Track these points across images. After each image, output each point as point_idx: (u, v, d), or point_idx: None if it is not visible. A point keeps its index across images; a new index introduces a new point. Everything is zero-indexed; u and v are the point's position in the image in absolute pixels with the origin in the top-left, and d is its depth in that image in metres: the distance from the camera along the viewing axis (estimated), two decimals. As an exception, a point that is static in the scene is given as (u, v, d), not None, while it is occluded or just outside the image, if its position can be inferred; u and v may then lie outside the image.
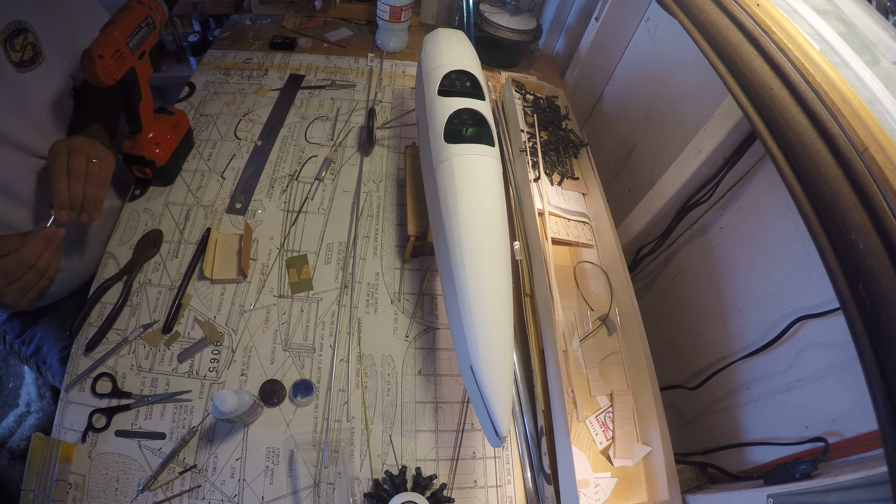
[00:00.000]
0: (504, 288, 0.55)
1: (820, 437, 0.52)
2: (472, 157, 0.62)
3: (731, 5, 0.57)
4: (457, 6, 1.24)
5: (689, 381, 0.76)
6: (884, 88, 0.45)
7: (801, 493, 0.48)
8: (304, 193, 0.87)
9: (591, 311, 0.76)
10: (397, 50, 1.20)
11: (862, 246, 0.38)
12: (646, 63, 1.01)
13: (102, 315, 0.68)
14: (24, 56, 0.64)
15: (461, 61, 0.75)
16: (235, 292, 0.73)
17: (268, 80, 1.06)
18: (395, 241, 0.83)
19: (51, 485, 0.54)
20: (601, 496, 0.59)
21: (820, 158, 0.43)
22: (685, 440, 0.76)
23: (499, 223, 0.59)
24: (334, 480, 0.60)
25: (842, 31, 0.52)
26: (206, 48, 1.14)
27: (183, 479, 0.58)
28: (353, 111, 1.03)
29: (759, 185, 0.67)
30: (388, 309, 0.75)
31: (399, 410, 0.67)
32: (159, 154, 0.78)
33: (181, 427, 0.62)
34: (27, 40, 0.64)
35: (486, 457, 0.65)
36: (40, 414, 1.27)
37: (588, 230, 0.85)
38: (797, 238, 0.59)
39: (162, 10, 0.70)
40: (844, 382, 0.52)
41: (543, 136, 0.94)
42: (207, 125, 0.95)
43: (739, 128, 0.65)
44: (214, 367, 0.66)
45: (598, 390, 0.67)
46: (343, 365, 0.69)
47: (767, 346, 0.61)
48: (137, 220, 0.79)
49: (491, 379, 0.49)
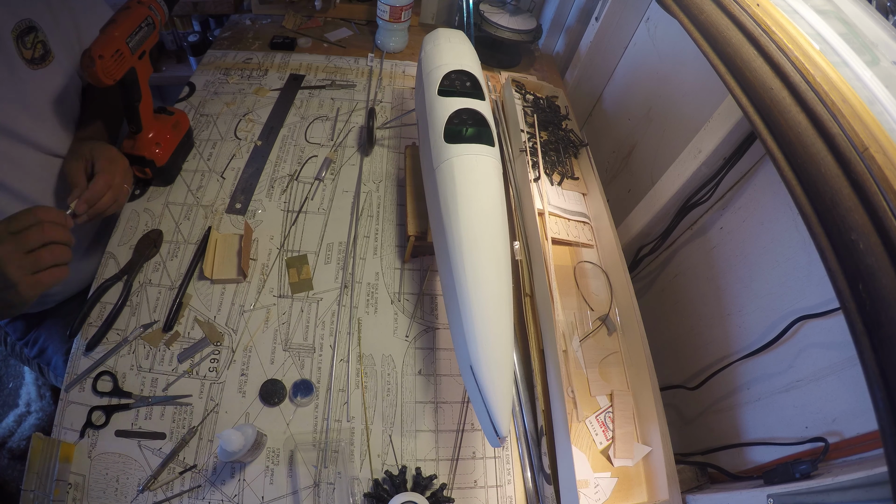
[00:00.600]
0: (504, 288, 0.55)
1: (820, 437, 0.52)
2: (472, 157, 0.62)
3: (731, 5, 0.57)
4: (457, 6, 1.24)
5: (689, 381, 0.76)
6: (884, 88, 0.45)
7: (801, 493, 0.48)
8: (304, 193, 0.87)
9: (591, 311, 0.76)
10: (397, 50, 1.20)
11: (862, 246, 0.38)
12: (646, 63, 1.01)
13: (102, 315, 0.68)
14: (35, 54, 0.64)
15: (461, 61, 0.75)
16: (235, 292, 0.73)
17: (268, 80, 1.06)
18: (395, 241, 0.83)
19: (51, 485, 0.54)
20: (601, 496, 0.59)
21: (820, 158, 0.43)
22: (685, 440, 0.76)
23: (499, 223, 0.59)
24: (334, 480, 0.60)
25: (842, 31, 0.52)
26: (206, 48, 1.14)
27: (183, 479, 0.58)
28: (353, 111, 1.03)
29: (759, 185, 0.67)
30: (388, 309, 0.75)
31: (399, 410, 0.67)
32: (159, 154, 0.78)
33: (181, 427, 0.62)
34: (37, 38, 0.65)
35: (486, 457, 0.65)
36: (40, 414, 1.28)
37: (588, 230, 0.85)
38: (797, 238, 0.59)
39: (162, 10, 0.70)
40: (844, 382, 0.52)
41: (543, 136, 0.94)
42: (207, 125, 0.95)
43: (739, 128, 0.65)
44: (214, 367, 0.66)
45: (598, 390, 0.67)
46: (343, 365, 0.69)
47: (767, 346, 0.61)
48: (137, 220, 0.79)
49: (491, 379, 0.49)
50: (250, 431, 0.54)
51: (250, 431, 0.54)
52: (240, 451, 0.52)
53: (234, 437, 0.51)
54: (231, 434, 0.51)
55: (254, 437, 0.54)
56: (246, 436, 0.53)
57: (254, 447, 0.55)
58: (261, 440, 0.58)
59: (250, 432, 0.54)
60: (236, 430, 0.52)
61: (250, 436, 0.54)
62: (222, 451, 0.51)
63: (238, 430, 0.53)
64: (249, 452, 0.55)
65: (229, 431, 0.51)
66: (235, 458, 0.54)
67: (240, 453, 0.52)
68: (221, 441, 0.51)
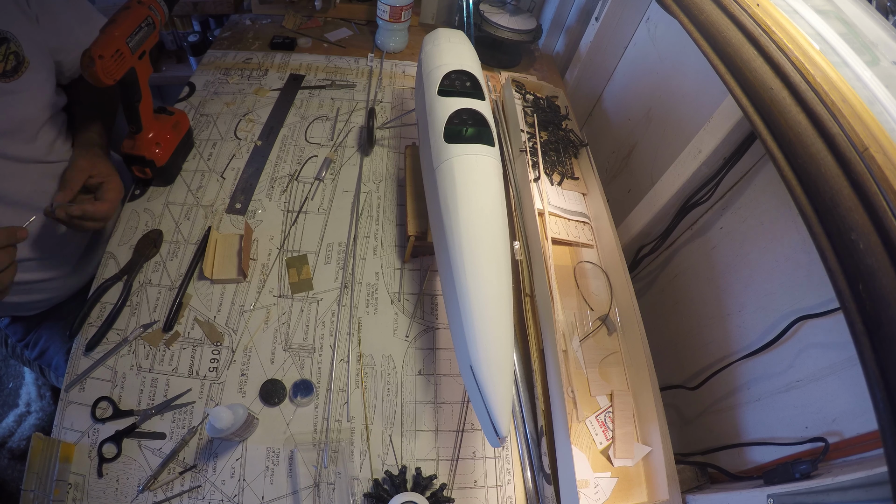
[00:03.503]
0: (504, 288, 0.55)
1: (820, 437, 0.52)
2: (472, 157, 0.62)
3: (731, 5, 0.57)
4: (457, 6, 1.24)
5: (689, 381, 0.76)
6: (884, 88, 0.45)
7: (801, 493, 0.48)
8: (304, 193, 0.87)
9: (591, 311, 0.76)
10: (397, 50, 1.20)
11: (862, 246, 0.38)
12: (646, 63, 1.01)
13: (102, 315, 0.68)
14: (6, 66, 0.63)
15: (461, 61, 0.75)
16: (235, 292, 0.73)
17: (268, 80, 1.06)
18: (395, 241, 0.83)
19: (51, 485, 0.54)
20: (601, 496, 0.59)
21: (820, 158, 0.43)
22: (685, 440, 0.76)
23: (499, 223, 0.59)
24: (334, 480, 0.60)
25: (842, 31, 0.52)
26: (206, 48, 1.14)
27: (183, 479, 0.58)
28: (353, 111, 1.03)
29: (759, 185, 0.67)
30: (388, 309, 0.75)
31: (399, 410, 0.67)
32: (159, 154, 0.78)
33: (181, 427, 0.62)
34: (10, 50, 0.63)
35: (486, 457, 0.65)
36: (40, 414, 1.28)
37: (588, 230, 0.85)
38: (797, 238, 0.59)
39: (162, 10, 0.70)
40: (844, 382, 0.52)
41: (543, 136, 0.94)
42: (207, 125, 0.95)
43: (739, 128, 0.65)
44: (214, 367, 0.66)
45: (598, 390, 0.67)
46: (343, 365, 0.69)
47: (767, 346, 0.61)
48: (137, 220, 0.79)
49: (491, 379, 0.49)
50: (241, 411, 0.55)
51: (241, 411, 0.55)
52: (228, 428, 0.53)
53: (224, 414, 0.52)
54: (221, 411, 0.52)
55: (244, 416, 0.55)
56: (236, 415, 0.54)
57: (243, 427, 0.56)
58: (251, 421, 0.59)
59: (241, 412, 0.55)
60: (227, 408, 0.53)
61: (240, 415, 0.54)
62: (211, 426, 0.52)
63: (229, 409, 0.53)
64: (239, 431, 0.55)
65: (219, 408, 0.52)
66: (224, 436, 0.55)
67: (228, 431, 0.53)
68: (211, 417, 0.52)
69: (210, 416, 0.52)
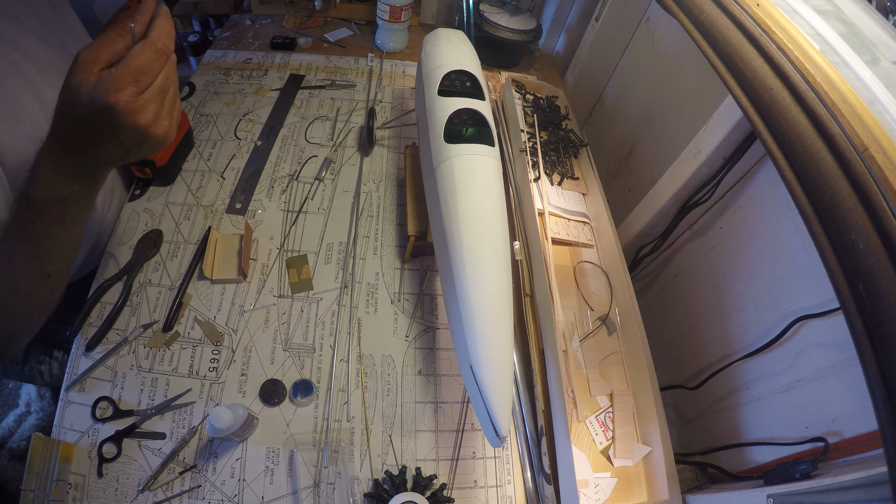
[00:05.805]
0: (504, 288, 0.55)
1: (820, 437, 0.52)
2: (472, 157, 0.62)
3: (731, 5, 0.57)
4: (457, 6, 1.24)
5: (689, 381, 0.76)
6: (884, 88, 0.45)
7: (801, 493, 0.48)
8: (304, 193, 0.87)
9: (591, 311, 0.76)
10: (397, 50, 1.20)
11: (862, 246, 0.38)
12: (646, 63, 1.01)
13: (102, 315, 0.68)
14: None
15: (461, 61, 0.75)
16: (235, 292, 0.73)
17: (268, 80, 1.06)
18: (395, 241, 0.83)
19: (51, 485, 0.54)
20: (601, 496, 0.59)
21: (820, 158, 0.43)
22: (685, 440, 0.76)
23: (499, 223, 0.59)
24: (334, 480, 0.60)
25: (842, 31, 0.52)
26: (206, 48, 1.14)
27: (183, 479, 0.58)
28: (353, 111, 1.03)
29: (759, 185, 0.67)
30: (388, 309, 0.75)
31: (399, 410, 0.67)
32: (159, 154, 0.78)
33: (181, 427, 0.62)
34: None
35: (486, 457, 0.65)
36: (40, 414, 1.27)
37: (588, 230, 0.85)
38: (797, 238, 0.59)
39: (162, 10, 0.70)
40: (844, 382, 0.52)
41: (543, 136, 0.94)
42: (207, 125, 0.95)
43: (739, 128, 0.65)
44: (214, 367, 0.66)
45: (598, 390, 0.67)
46: (343, 365, 0.69)
47: (767, 346, 0.61)
48: (137, 220, 0.79)
49: (491, 379, 0.49)
50: (241, 411, 0.55)
51: (241, 411, 0.55)
52: (228, 428, 0.53)
53: (224, 414, 0.52)
54: (221, 411, 0.52)
55: (244, 417, 0.55)
56: (236, 415, 0.54)
57: (243, 427, 0.56)
58: (251, 421, 0.59)
59: (241, 412, 0.55)
60: (227, 408, 0.53)
61: (240, 415, 0.54)
62: (211, 426, 0.52)
63: (229, 409, 0.53)
64: (239, 432, 0.55)
65: (219, 408, 0.52)
66: (224, 436, 0.54)
67: (228, 431, 0.53)
68: (211, 417, 0.52)
69: (210, 416, 0.52)
